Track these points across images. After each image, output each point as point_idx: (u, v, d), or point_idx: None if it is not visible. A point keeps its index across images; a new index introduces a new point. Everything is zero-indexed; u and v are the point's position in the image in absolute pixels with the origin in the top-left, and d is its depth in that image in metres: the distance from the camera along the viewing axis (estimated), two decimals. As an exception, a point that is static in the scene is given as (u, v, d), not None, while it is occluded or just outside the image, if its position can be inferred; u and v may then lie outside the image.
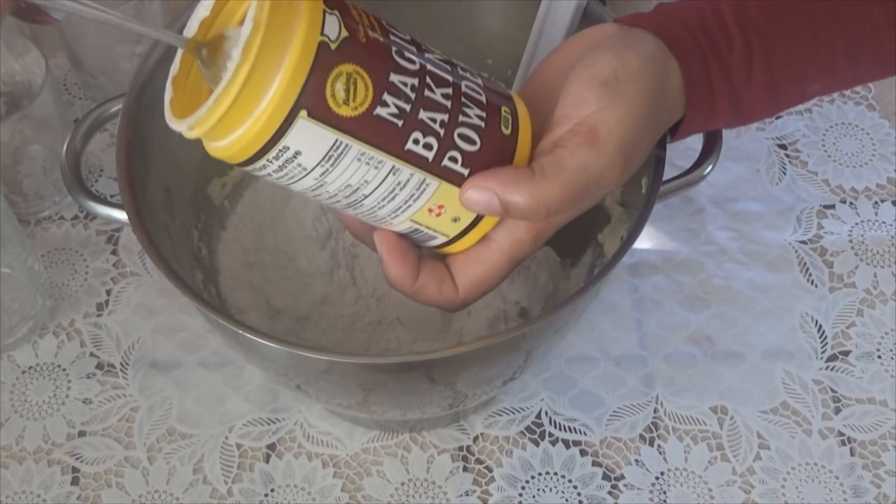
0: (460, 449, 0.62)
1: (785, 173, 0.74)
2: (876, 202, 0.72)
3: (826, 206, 0.72)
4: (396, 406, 0.56)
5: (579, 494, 0.60)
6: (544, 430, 0.63)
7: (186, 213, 0.61)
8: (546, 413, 0.63)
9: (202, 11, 0.41)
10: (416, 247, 0.46)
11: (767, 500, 0.60)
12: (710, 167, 0.56)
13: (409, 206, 0.43)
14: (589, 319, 0.66)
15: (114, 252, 0.71)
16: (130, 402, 0.64)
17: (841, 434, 0.62)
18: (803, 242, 0.70)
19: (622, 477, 0.61)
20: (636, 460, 0.62)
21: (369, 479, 0.61)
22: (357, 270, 0.63)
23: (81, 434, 0.63)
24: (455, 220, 0.44)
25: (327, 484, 0.61)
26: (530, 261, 0.63)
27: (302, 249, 0.64)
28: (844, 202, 0.72)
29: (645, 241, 0.70)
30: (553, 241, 0.63)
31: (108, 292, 0.69)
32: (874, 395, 0.64)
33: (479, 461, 0.62)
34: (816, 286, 0.68)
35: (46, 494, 0.61)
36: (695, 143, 0.57)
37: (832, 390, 0.64)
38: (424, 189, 0.42)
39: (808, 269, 0.69)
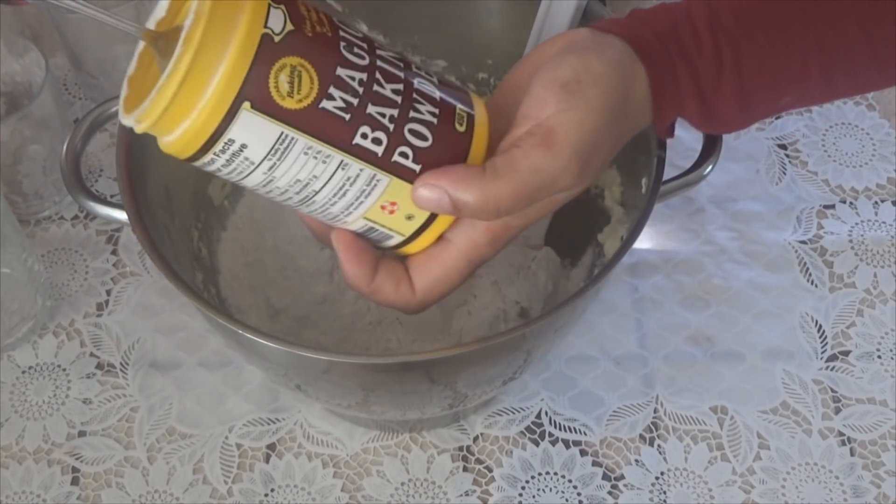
0: (460, 449, 0.62)
1: (785, 173, 0.74)
2: (876, 202, 0.72)
3: (826, 206, 0.72)
4: (396, 406, 0.56)
5: (579, 494, 0.60)
6: (544, 430, 0.63)
7: (186, 213, 0.61)
8: (546, 413, 0.63)
9: (159, 13, 0.41)
10: (373, 247, 0.46)
11: (767, 500, 0.60)
12: (710, 167, 0.56)
13: (361, 202, 0.43)
14: (589, 319, 0.66)
15: (114, 252, 0.71)
16: (130, 402, 0.64)
17: (841, 434, 0.62)
18: (803, 242, 0.70)
19: (622, 477, 0.61)
20: (636, 460, 0.62)
21: (369, 479, 0.61)
22: (357, 270, 0.63)
23: (81, 434, 0.63)
24: (409, 217, 0.44)
25: (327, 484, 0.61)
26: (530, 261, 0.63)
27: (302, 249, 0.64)
28: (844, 202, 0.72)
29: (645, 241, 0.70)
30: (553, 241, 0.64)
31: (108, 292, 0.69)
32: (874, 395, 0.64)
33: (479, 461, 0.62)
34: (816, 286, 0.68)
35: (46, 494, 0.61)
36: (695, 143, 0.57)
37: (832, 390, 0.64)
38: (375, 185, 0.42)
39: (808, 269, 0.69)
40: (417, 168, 0.42)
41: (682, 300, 0.68)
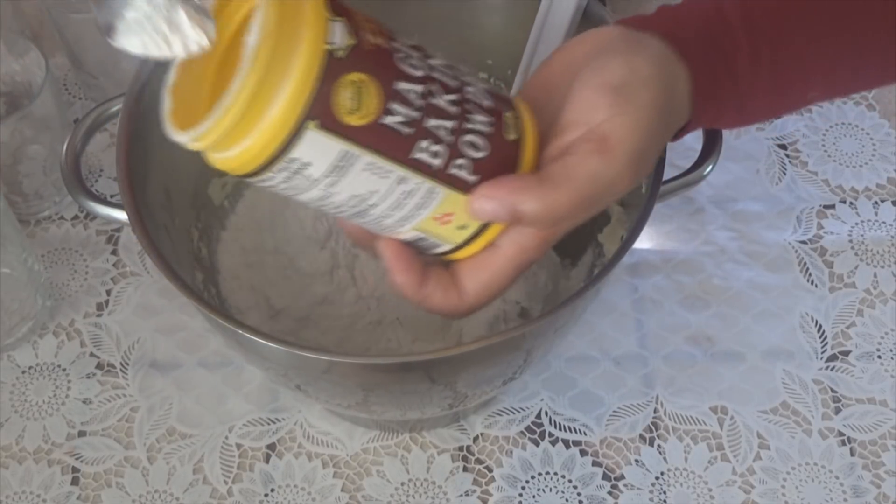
0: (460, 449, 0.62)
1: (785, 173, 0.74)
2: (876, 202, 0.72)
3: (826, 206, 0.72)
4: (396, 406, 0.56)
5: (579, 494, 0.60)
6: (544, 430, 0.63)
7: (186, 213, 0.61)
8: (546, 413, 0.63)
9: None
10: (421, 254, 0.45)
11: (767, 500, 0.60)
12: (710, 167, 0.56)
13: (417, 214, 0.42)
14: (589, 319, 0.66)
15: (114, 252, 0.71)
16: (130, 402, 0.64)
17: (841, 434, 0.62)
18: (803, 242, 0.70)
19: (622, 477, 0.61)
20: (636, 460, 0.62)
21: (369, 479, 0.61)
22: (357, 270, 0.63)
23: (81, 434, 0.63)
24: (462, 227, 0.43)
25: (327, 484, 0.61)
26: (530, 261, 0.63)
27: (302, 250, 0.64)
28: (844, 202, 0.72)
29: (645, 241, 0.70)
30: (553, 241, 0.64)
31: (108, 292, 0.69)
32: (874, 395, 0.64)
33: (479, 461, 0.62)
34: (816, 286, 0.68)
35: (46, 494, 0.61)
36: (695, 143, 0.57)
37: (832, 390, 0.64)
38: (432, 198, 0.42)
39: (808, 269, 0.69)
40: (474, 179, 0.42)
41: (682, 300, 0.68)
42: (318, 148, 0.38)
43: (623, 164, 0.42)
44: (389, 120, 0.39)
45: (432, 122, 0.40)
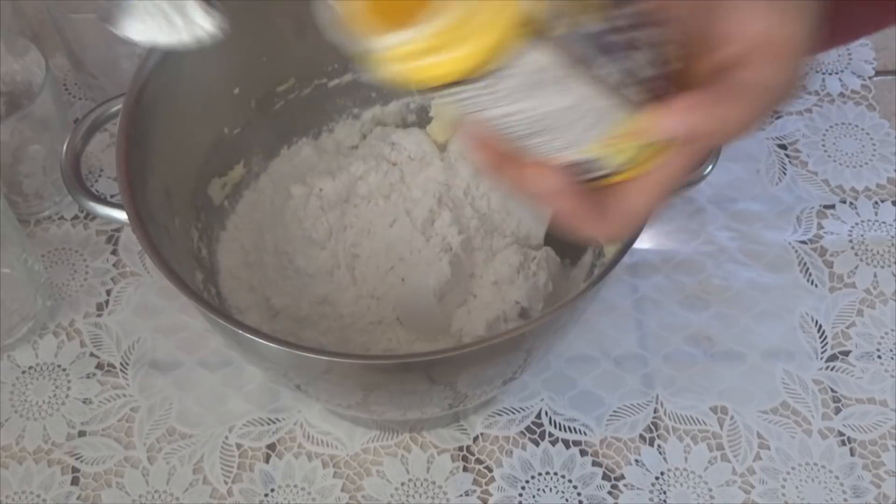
0: (460, 449, 0.62)
1: (785, 173, 0.74)
2: (876, 202, 0.72)
3: (826, 206, 0.72)
4: (396, 406, 0.56)
5: (579, 494, 0.60)
6: (544, 430, 0.63)
7: (186, 213, 0.61)
8: (546, 413, 0.63)
9: None
10: (574, 179, 0.44)
11: (767, 500, 0.60)
12: (710, 167, 0.56)
13: (589, 136, 0.41)
14: (589, 319, 0.66)
15: (114, 252, 0.71)
16: (130, 402, 0.64)
17: (841, 434, 0.62)
18: (803, 242, 0.70)
19: (622, 477, 0.61)
20: (636, 460, 0.62)
21: (369, 479, 0.61)
22: (357, 270, 0.63)
23: (81, 434, 0.63)
24: (625, 150, 0.42)
25: (327, 484, 0.61)
26: (530, 261, 0.63)
27: (301, 249, 0.64)
28: (844, 202, 0.72)
29: (645, 241, 0.70)
30: (553, 241, 0.64)
31: (108, 292, 0.69)
32: (874, 395, 0.64)
33: (479, 461, 0.62)
34: (816, 286, 0.68)
35: (46, 494, 0.61)
36: (695, 143, 0.57)
37: (832, 390, 0.64)
38: (607, 118, 0.41)
39: (808, 269, 0.69)
40: (648, 98, 0.41)
41: (682, 300, 0.68)
42: (524, 58, 0.37)
43: (793, 70, 0.42)
44: (583, 33, 0.38)
45: (615, 38, 0.39)
